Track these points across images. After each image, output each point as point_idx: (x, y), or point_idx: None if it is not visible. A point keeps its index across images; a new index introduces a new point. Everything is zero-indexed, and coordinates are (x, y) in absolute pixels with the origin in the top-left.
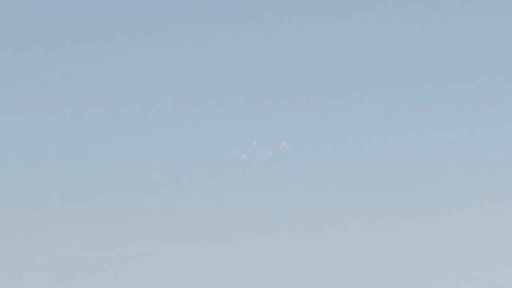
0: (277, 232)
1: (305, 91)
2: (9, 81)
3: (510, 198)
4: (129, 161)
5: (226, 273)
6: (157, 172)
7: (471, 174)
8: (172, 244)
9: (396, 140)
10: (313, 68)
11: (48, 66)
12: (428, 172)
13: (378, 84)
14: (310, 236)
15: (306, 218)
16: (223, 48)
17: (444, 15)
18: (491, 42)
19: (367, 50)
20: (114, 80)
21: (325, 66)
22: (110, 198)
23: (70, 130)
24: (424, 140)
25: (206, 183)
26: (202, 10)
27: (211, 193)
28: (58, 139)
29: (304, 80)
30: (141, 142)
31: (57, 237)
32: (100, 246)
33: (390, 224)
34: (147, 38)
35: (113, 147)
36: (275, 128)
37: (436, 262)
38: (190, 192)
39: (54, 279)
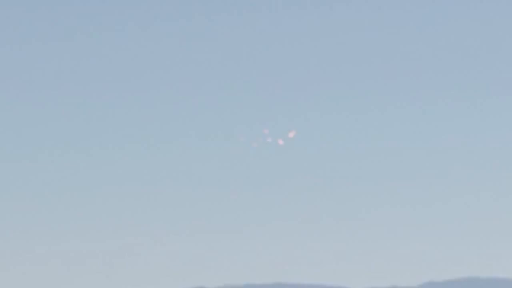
0: (287, 219)
1: (315, 80)
2: (8, 75)
3: (508, 188)
4: (132, 153)
5: (235, 260)
6: (166, 161)
7: (469, 164)
8: (181, 232)
9: (403, 132)
10: (324, 59)
11: (47, 61)
12: (439, 161)
13: (388, 75)
14: (320, 222)
15: (316, 207)
16: (236, 38)
17: (443, 9)
18: (489, 35)
19: (380, 40)
20: (119, 70)
21: (334, 58)
22: (111, 191)
23: (69, 123)
24: (436, 130)
25: (217, 171)
26: (213, 1)
27: (221, 181)
28: (58, 132)
29: (314, 69)
30: (148, 131)
31: (57, 229)
32: (100, 238)
33: (400, 211)
34: (151, 26)
35: (114, 141)
36: (285, 117)
37: (447, 248)
38: (201, 180)
39: (53, 271)
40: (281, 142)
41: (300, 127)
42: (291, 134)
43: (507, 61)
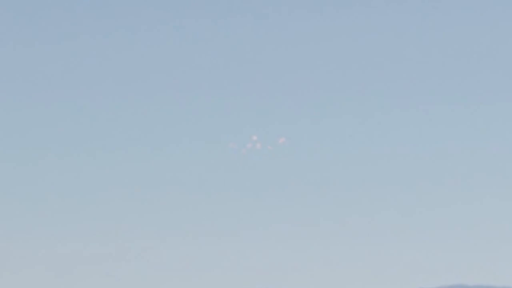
0: (277, 226)
1: (304, 87)
2: (10, 77)
3: (509, 192)
4: (128, 157)
5: (225, 267)
6: (157, 167)
7: (470, 168)
8: (172, 238)
9: (394, 136)
10: (313, 64)
11: (49, 62)
12: (427, 167)
13: (376, 80)
14: (309, 230)
15: (306, 212)
16: (224, 44)
17: (444, 12)
18: (490, 39)
19: (366, 46)
20: (113, 76)
21: (324, 62)
22: (110, 194)
23: (70, 126)
24: (422, 135)
25: (206, 178)
26: (201, 5)
27: (211, 188)
28: (59, 135)
29: (304, 75)
30: (141, 137)
31: (58, 232)
32: (100, 241)
33: (388, 218)
34: (146, 34)
35: (112, 143)
36: (274, 124)
37: (435, 255)
38: (190, 186)
39: (54, 273)
40: (270, 148)
41: (289, 133)
42: (281, 141)
43: (509, 66)
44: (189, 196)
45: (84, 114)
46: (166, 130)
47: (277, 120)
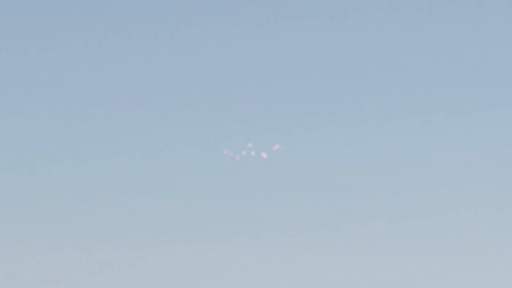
0: (271, 234)
1: (299, 93)
2: (4, 81)
3: (506, 201)
4: (122, 163)
5: (218, 276)
6: (151, 173)
7: (466, 177)
8: (165, 247)
9: (390, 143)
10: (308, 70)
11: (43, 67)
12: (423, 175)
13: (373, 87)
14: (304, 239)
15: (300, 221)
16: (218, 50)
17: (440, 18)
18: (487, 44)
19: (362, 53)
20: (107, 81)
21: (320, 69)
22: (104, 200)
23: (65, 131)
24: (418, 142)
25: (199, 185)
26: (196, 11)
27: (204, 195)
28: (53, 140)
29: (299, 82)
30: (135, 143)
31: (52, 238)
32: (94, 248)
33: (384, 227)
34: (140, 39)
35: (106, 149)
36: (269, 131)
37: (431, 265)
38: (184, 194)
39: (48, 280)
40: (265, 155)
41: (284, 140)
42: (275, 148)
43: (505, 73)
44: (183, 203)
45: (77, 120)
46: (159, 136)
47: (271, 127)
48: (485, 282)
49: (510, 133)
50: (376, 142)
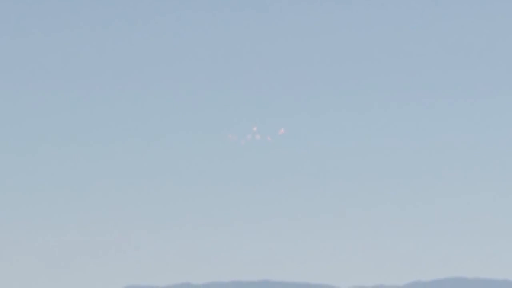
0: (276, 217)
1: (304, 79)
2: (8, 67)
3: (508, 186)
4: (127, 147)
5: (223, 257)
6: (156, 158)
7: (469, 162)
8: (170, 230)
9: (395, 128)
10: (313, 56)
11: (47, 53)
12: (426, 161)
13: (378, 72)
14: (308, 221)
15: (305, 203)
16: (223, 36)
17: (444, 6)
18: (489, 33)
19: (367, 38)
20: (112, 68)
21: (325, 54)
22: (108, 184)
23: (68, 116)
24: (421, 128)
25: (205, 168)
26: None
27: (210, 178)
28: (56, 125)
29: (304, 68)
30: (140, 128)
31: (54, 222)
32: (97, 231)
33: (388, 210)
34: (144, 26)
35: (111, 133)
36: (274, 115)
37: (434, 248)
38: (190, 177)
39: (51, 263)
40: (270, 139)
41: (289, 125)
42: (280, 132)
43: (507, 61)
44: (188, 187)
45: (81, 104)
46: (165, 121)
47: (276, 112)
48: (490, 266)
49: None
50: (381, 127)
